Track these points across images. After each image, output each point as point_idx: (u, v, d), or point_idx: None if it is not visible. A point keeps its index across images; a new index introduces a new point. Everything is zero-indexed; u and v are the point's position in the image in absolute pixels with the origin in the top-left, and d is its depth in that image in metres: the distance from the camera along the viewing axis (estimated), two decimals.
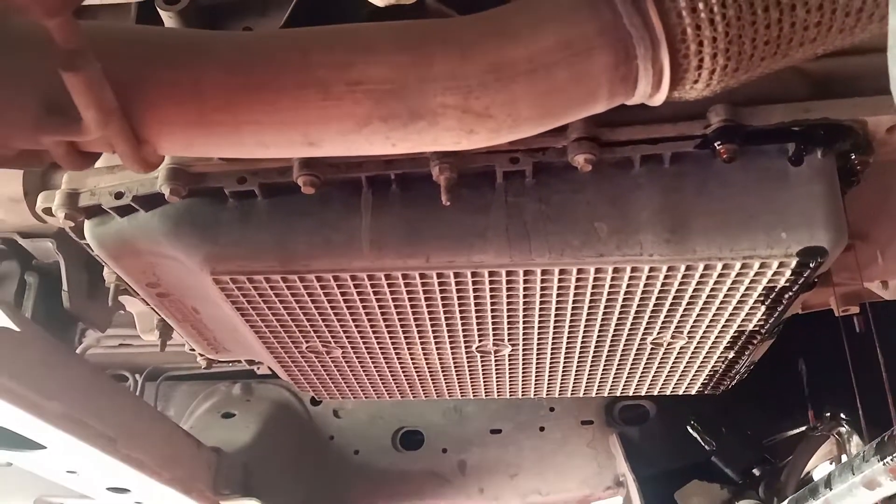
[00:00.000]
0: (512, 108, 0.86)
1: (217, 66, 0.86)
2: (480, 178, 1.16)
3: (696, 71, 0.86)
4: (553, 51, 0.84)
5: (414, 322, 1.32)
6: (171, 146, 0.91)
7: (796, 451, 2.26)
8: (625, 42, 0.84)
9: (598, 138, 1.11)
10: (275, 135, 0.89)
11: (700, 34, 0.83)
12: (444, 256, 1.15)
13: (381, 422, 2.52)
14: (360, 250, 1.15)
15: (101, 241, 1.22)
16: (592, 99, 0.88)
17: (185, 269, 1.23)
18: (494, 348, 1.42)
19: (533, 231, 1.13)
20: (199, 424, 2.46)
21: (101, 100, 0.78)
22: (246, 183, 1.15)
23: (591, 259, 1.13)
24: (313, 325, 1.34)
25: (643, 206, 1.13)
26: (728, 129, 1.09)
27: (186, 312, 1.44)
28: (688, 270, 1.14)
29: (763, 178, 1.13)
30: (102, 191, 1.18)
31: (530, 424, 2.39)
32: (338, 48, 0.86)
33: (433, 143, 0.89)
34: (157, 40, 0.88)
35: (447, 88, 0.84)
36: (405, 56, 0.85)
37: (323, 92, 0.86)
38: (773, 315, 1.28)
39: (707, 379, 1.58)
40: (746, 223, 1.11)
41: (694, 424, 2.19)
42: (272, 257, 1.16)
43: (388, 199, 1.17)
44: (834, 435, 2.24)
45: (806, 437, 2.27)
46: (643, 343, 1.40)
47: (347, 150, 0.91)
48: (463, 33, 0.86)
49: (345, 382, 1.62)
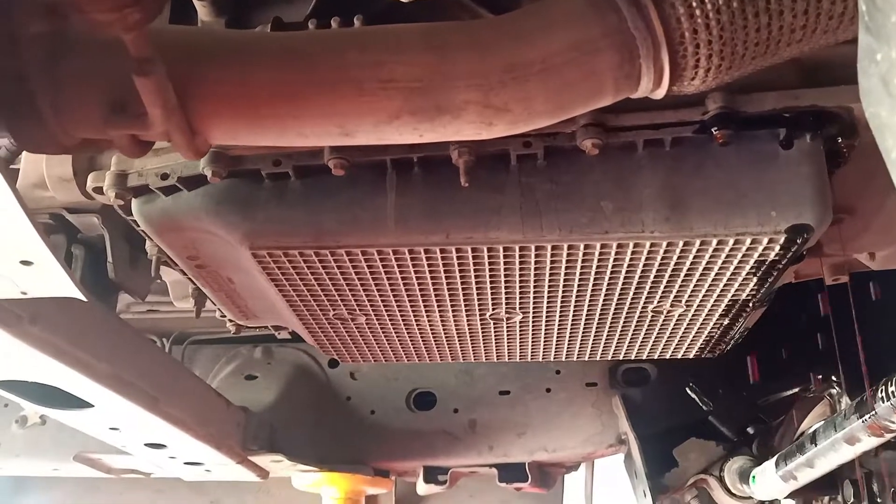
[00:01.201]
0: (527, 104, 0.96)
1: (262, 65, 0.96)
2: (496, 160, 1.26)
3: (694, 69, 0.96)
4: (564, 52, 0.94)
5: (433, 292, 1.43)
6: (221, 136, 1.01)
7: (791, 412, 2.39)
8: (629, 43, 0.93)
9: (604, 124, 1.21)
10: (313, 126, 0.99)
11: (697, 37, 0.92)
12: (463, 233, 1.26)
13: (396, 383, 2.65)
14: (386, 227, 1.26)
15: (147, 217, 1.32)
16: (600, 94, 0.98)
17: (224, 243, 1.34)
18: (507, 316, 1.54)
19: (544, 209, 1.24)
20: (223, 386, 2.59)
21: (166, 99, 0.89)
22: (281, 165, 1.26)
23: (597, 235, 1.24)
24: (341, 295, 1.46)
25: (645, 186, 1.23)
26: (724, 116, 1.19)
27: (222, 282, 1.56)
28: (685, 246, 1.24)
29: (756, 160, 1.23)
30: (149, 172, 1.29)
31: (537, 386, 2.51)
32: (371, 49, 0.96)
33: (456, 133, 1.00)
34: (209, 42, 0.98)
35: (469, 86, 0.94)
36: (432, 56, 0.95)
37: (358, 89, 0.96)
38: (764, 285, 1.39)
39: (704, 343, 1.69)
40: (739, 202, 1.21)
41: (692, 386, 2.31)
42: (306, 233, 1.27)
43: (411, 180, 1.28)
44: (826, 396, 2.36)
45: (800, 398, 2.39)
46: (644, 311, 1.52)
47: (379, 139, 1.02)
48: (483, 36, 0.95)
49: (367, 347, 1.74)
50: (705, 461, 2.22)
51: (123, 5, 0.74)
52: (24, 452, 2.47)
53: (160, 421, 1.68)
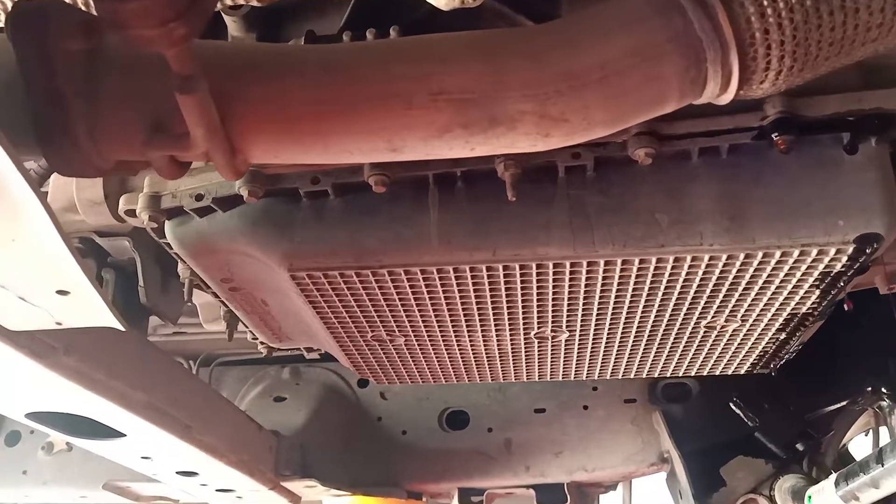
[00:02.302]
0: (586, 113, 0.90)
1: (304, 81, 0.91)
2: (542, 172, 1.21)
3: (764, 72, 0.90)
4: (625, 57, 0.88)
5: (477, 311, 1.37)
6: (262, 155, 0.97)
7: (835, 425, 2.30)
8: (695, 47, 0.88)
9: (656, 132, 1.15)
10: (359, 143, 0.95)
11: (768, 38, 0.87)
12: (510, 249, 1.20)
13: (427, 403, 2.59)
14: (429, 245, 1.21)
15: (181, 240, 1.28)
16: (663, 101, 0.92)
17: (260, 265, 1.29)
18: (552, 334, 1.48)
19: (596, 223, 1.18)
20: (252, 408, 2.54)
21: (210, 118, 0.84)
22: (319, 183, 1.21)
23: (653, 249, 1.18)
24: (380, 316, 1.40)
25: (701, 197, 1.17)
26: (784, 121, 1.13)
27: (255, 305, 1.51)
28: (746, 258, 1.18)
29: (818, 166, 1.17)
30: (183, 193, 1.24)
31: (574, 403, 2.44)
32: (417, 60, 0.91)
33: (510, 146, 0.94)
34: (249, 57, 0.94)
35: (525, 96, 0.89)
36: (483, 66, 0.90)
37: (406, 102, 0.91)
38: (826, 298, 1.32)
39: (757, 359, 1.62)
40: (804, 211, 1.15)
41: (736, 401, 2.23)
42: (347, 253, 1.22)
43: (454, 195, 1.23)
44: (875, 408, 2.28)
45: (847, 411, 2.31)
46: (696, 327, 1.45)
47: (428, 154, 0.97)
48: (536, 43, 0.90)
49: (404, 368, 1.69)
50: (754, 480, 2.14)
51: (167, 20, 0.70)
52: (51, 480, 2.43)
53: (193, 449, 1.63)
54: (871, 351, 2.20)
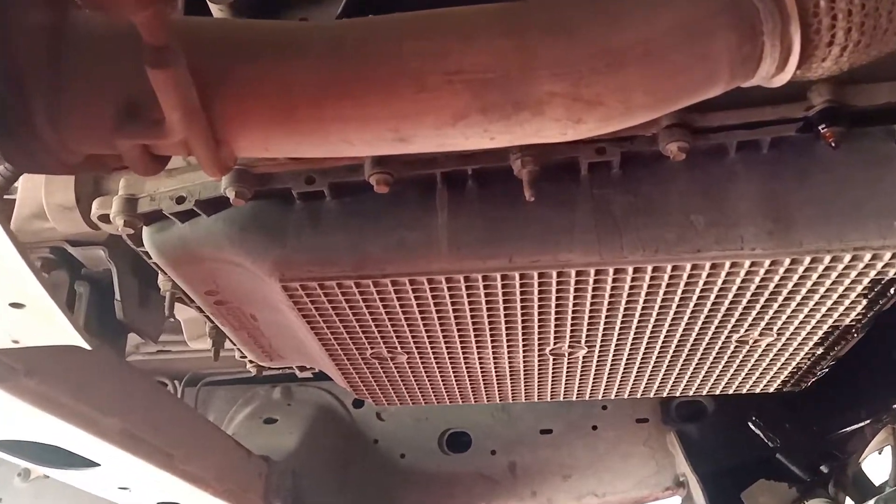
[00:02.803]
0: (625, 95, 0.79)
1: (305, 59, 0.79)
2: (563, 170, 1.09)
3: (828, 47, 0.78)
4: (671, 31, 0.77)
5: (488, 325, 1.25)
6: (250, 146, 0.84)
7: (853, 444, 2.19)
8: (751, 18, 0.77)
9: (690, 124, 1.04)
10: (363, 131, 0.82)
11: (835, 6, 0.75)
12: (528, 256, 1.08)
13: (427, 423, 2.46)
14: (438, 251, 1.08)
15: (160, 248, 1.15)
16: (711, 82, 0.80)
17: (249, 275, 1.16)
18: (569, 350, 1.35)
19: (624, 226, 1.06)
20: (241, 431, 2.40)
21: (187, 100, 0.72)
22: (315, 183, 1.09)
23: (688, 255, 1.05)
24: (381, 331, 1.28)
25: (741, 196, 1.06)
26: (832, 111, 1.01)
27: (244, 320, 1.38)
28: (792, 264, 1.06)
29: (869, 162, 1.05)
30: (163, 195, 1.12)
31: (582, 423, 2.31)
32: (433, 35, 0.79)
33: (536, 134, 0.82)
34: (242, 33, 0.82)
35: (555, 75, 0.77)
36: (508, 41, 0.78)
37: (418, 83, 0.79)
38: (873, 309, 1.20)
39: (789, 376, 1.50)
40: (855, 212, 1.03)
41: (756, 420, 2.11)
42: (345, 261, 1.09)
43: (464, 195, 1.11)
44: None
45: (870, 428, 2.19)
46: (727, 341, 1.33)
47: (440, 145, 0.85)
48: (571, 15, 0.78)
49: (405, 388, 1.56)
50: None
51: None
52: None
53: (175, 479, 1.49)
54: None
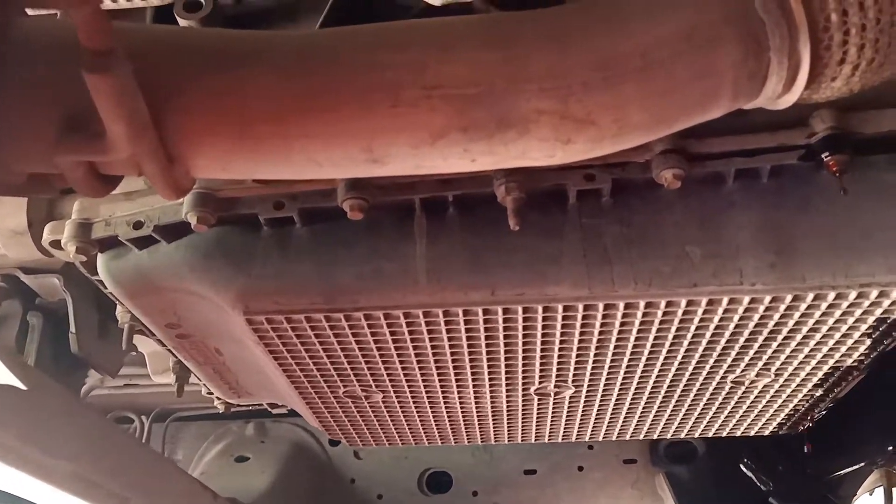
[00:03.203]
0: (619, 113, 0.72)
1: (267, 68, 0.72)
2: (550, 198, 1.02)
3: (839, 66, 0.72)
4: (671, 43, 0.70)
5: (469, 362, 1.17)
6: (208, 165, 0.77)
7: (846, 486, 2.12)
8: (756, 32, 0.70)
9: (685, 150, 0.97)
10: (331, 149, 0.75)
11: (847, 21, 0.69)
12: (512, 288, 1.00)
13: (406, 462, 2.36)
14: (415, 283, 1.00)
15: (116, 277, 1.07)
16: (713, 101, 0.74)
17: (213, 307, 1.08)
18: (555, 390, 1.27)
19: (615, 258, 0.99)
20: (211, 469, 2.29)
21: (133, 111, 0.64)
22: (284, 209, 1.01)
23: (683, 289, 0.98)
24: (354, 368, 1.19)
25: (741, 227, 0.99)
26: (836, 138, 0.95)
27: (208, 354, 1.29)
28: (794, 301, 0.99)
29: (875, 192, 0.99)
30: (119, 220, 1.04)
31: (567, 464, 2.22)
32: (411, 45, 0.72)
33: (521, 156, 0.75)
34: (200, 42, 0.75)
35: (543, 90, 0.70)
36: (492, 53, 0.71)
37: (392, 97, 0.72)
38: (876, 349, 1.14)
39: (785, 419, 1.43)
40: (861, 246, 0.97)
41: (747, 462, 2.03)
42: (315, 293, 1.01)
43: (445, 223, 1.03)
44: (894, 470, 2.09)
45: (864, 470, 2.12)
46: (722, 382, 1.25)
47: (417, 167, 0.77)
48: (562, 24, 0.72)
49: (381, 429, 1.47)
50: None
51: None
52: None
53: None
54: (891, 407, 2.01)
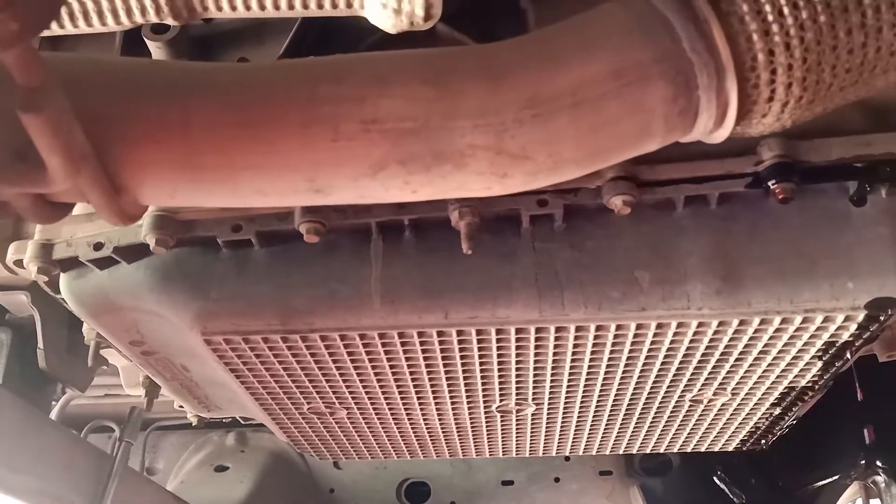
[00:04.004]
0: (553, 148, 0.74)
1: (210, 100, 0.74)
2: (504, 222, 1.04)
3: (767, 103, 0.74)
4: (601, 81, 0.72)
5: (428, 382, 1.18)
6: (154, 195, 0.78)
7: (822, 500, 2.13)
8: (685, 71, 0.72)
9: (636, 177, 0.99)
10: (275, 181, 0.77)
11: (774, 61, 0.71)
12: (465, 311, 1.02)
13: (385, 473, 2.38)
14: (370, 305, 1.02)
15: (78, 296, 1.08)
16: (646, 136, 0.76)
17: (173, 326, 1.09)
18: (516, 408, 1.29)
19: (566, 281, 1.01)
20: (190, 479, 2.30)
21: (70, 144, 0.66)
22: (241, 231, 1.03)
23: (632, 313, 1.00)
24: (316, 387, 1.21)
25: (689, 253, 1.01)
26: (783, 166, 0.97)
27: (175, 371, 1.30)
28: (741, 325, 1.01)
29: (822, 219, 1.01)
30: (80, 241, 1.05)
31: (544, 475, 2.24)
32: (350, 80, 0.74)
33: (460, 188, 0.77)
34: (142, 72, 0.76)
35: (477, 126, 0.72)
36: (428, 89, 0.73)
37: (332, 131, 0.73)
38: (829, 371, 1.15)
39: (747, 436, 1.44)
40: (807, 271, 0.98)
41: (721, 475, 2.04)
42: (271, 314, 1.03)
43: (400, 246, 1.05)
44: (869, 484, 2.11)
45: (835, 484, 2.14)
46: (681, 400, 1.27)
47: (360, 197, 0.79)
48: (496, 61, 0.74)
49: (349, 443, 1.48)
50: None
51: None
52: None
53: None
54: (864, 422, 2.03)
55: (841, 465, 2.06)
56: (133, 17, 1.04)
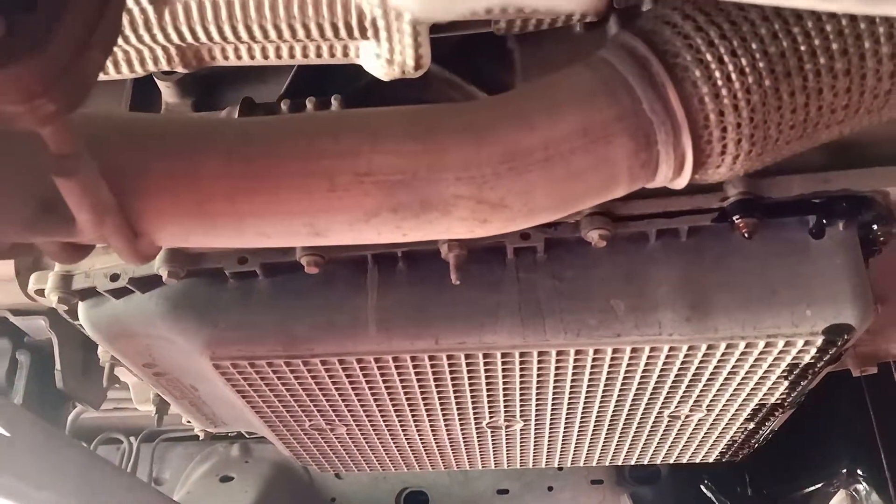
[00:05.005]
0: (528, 198, 0.82)
1: (217, 154, 0.82)
2: (490, 253, 1.12)
3: (720, 156, 0.82)
4: (570, 138, 0.80)
5: (422, 401, 1.27)
6: (169, 238, 0.86)
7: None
8: (645, 128, 0.80)
9: (611, 212, 1.07)
10: (278, 225, 0.85)
11: (723, 120, 0.79)
12: (455, 337, 1.10)
13: (384, 483, 2.45)
14: (366, 332, 1.10)
15: (95, 323, 1.17)
16: (612, 185, 0.84)
17: (183, 351, 1.17)
18: (506, 424, 1.37)
19: (547, 309, 1.09)
20: (196, 489, 2.38)
21: (97, 201, 0.74)
22: (247, 263, 1.11)
23: (608, 339, 1.08)
24: (317, 406, 1.29)
25: (661, 283, 1.09)
26: (746, 202, 1.05)
27: (184, 390, 1.39)
28: (709, 350, 1.09)
29: (784, 251, 1.09)
30: (97, 273, 1.13)
31: (538, 484, 2.32)
32: (345, 136, 0.82)
33: (446, 232, 0.85)
34: (155, 128, 0.85)
35: (460, 179, 0.80)
36: (416, 145, 0.81)
37: (329, 182, 0.81)
38: (796, 389, 1.23)
39: (725, 448, 1.52)
40: (769, 300, 1.06)
41: (708, 484, 2.12)
42: (274, 341, 1.11)
43: (394, 277, 1.13)
44: (851, 492, 2.18)
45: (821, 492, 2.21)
46: (660, 416, 1.35)
47: (355, 239, 0.87)
48: (475, 119, 0.82)
49: (348, 456, 1.56)
50: None
51: (33, 96, 0.60)
52: None
53: None
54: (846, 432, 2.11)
55: (824, 474, 2.13)
56: (146, 67, 1.12)
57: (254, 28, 0.99)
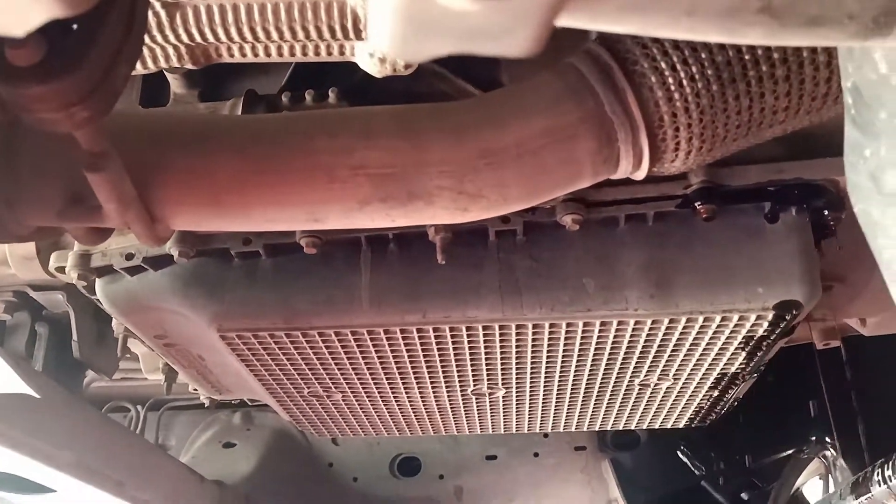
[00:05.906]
0: (502, 190, 0.92)
1: (228, 152, 0.92)
2: (474, 235, 1.22)
3: (674, 152, 0.92)
4: (539, 137, 0.90)
5: (411, 370, 1.38)
6: (183, 223, 0.97)
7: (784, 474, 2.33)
8: (607, 128, 0.90)
9: (584, 199, 1.17)
10: (282, 213, 0.95)
11: (676, 120, 0.89)
12: (440, 312, 1.21)
13: (379, 448, 2.57)
14: (360, 307, 1.21)
15: (112, 298, 1.27)
16: (577, 178, 0.94)
17: (192, 323, 1.28)
18: (489, 391, 1.48)
19: (525, 287, 1.19)
20: (200, 455, 2.51)
21: (122, 193, 0.84)
22: (251, 244, 1.21)
23: (580, 314, 1.19)
24: (315, 374, 1.40)
25: (629, 263, 1.19)
26: (707, 190, 1.15)
27: (192, 359, 1.50)
28: (671, 323, 1.20)
29: (742, 235, 1.19)
30: (114, 252, 1.23)
31: (525, 450, 2.44)
32: (342, 134, 0.92)
33: (431, 219, 0.96)
34: (171, 127, 0.94)
35: (442, 172, 0.90)
36: (404, 142, 0.91)
37: (328, 175, 0.91)
38: (753, 359, 1.34)
39: (693, 414, 1.64)
40: (726, 279, 1.17)
41: (683, 449, 2.25)
42: (276, 315, 1.22)
43: (386, 257, 1.23)
44: (820, 458, 2.31)
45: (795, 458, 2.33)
46: (631, 384, 1.46)
47: (350, 225, 0.97)
48: (456, 120, 0.92)
49: (344, 422, 1.68)
50: None
51: (70, 104, 0.70)
52: None
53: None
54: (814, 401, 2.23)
55: (795, 441, 2.26)
56: (159, 63, 1.22)
57: (257, 30, 1.08)
